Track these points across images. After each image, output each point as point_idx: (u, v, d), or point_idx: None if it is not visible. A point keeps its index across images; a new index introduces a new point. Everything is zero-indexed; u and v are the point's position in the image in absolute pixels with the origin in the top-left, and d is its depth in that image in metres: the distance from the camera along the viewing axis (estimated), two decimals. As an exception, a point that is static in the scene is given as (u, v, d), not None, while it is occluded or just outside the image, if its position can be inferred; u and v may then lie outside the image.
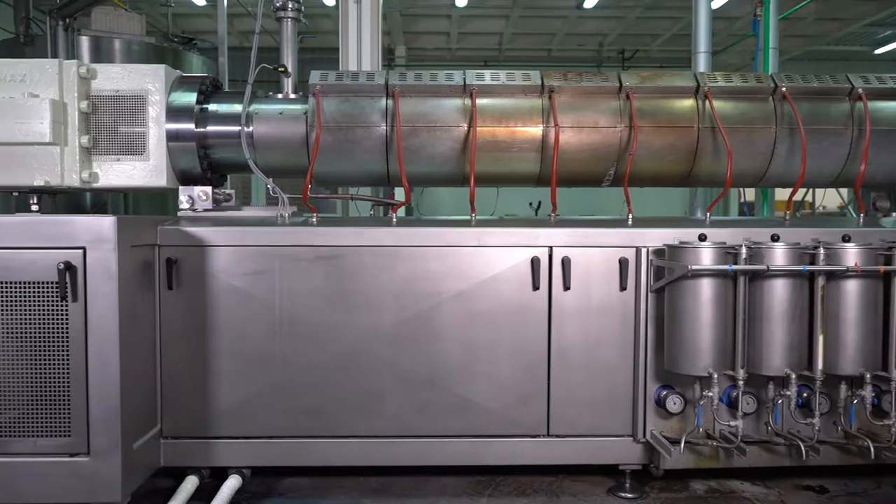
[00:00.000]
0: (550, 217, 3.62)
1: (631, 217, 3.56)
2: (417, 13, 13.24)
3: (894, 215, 3.95)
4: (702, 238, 3.16)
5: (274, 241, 3.30)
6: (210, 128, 3.65)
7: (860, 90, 3.70)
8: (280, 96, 3.79)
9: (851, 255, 3.07)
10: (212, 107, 3.68)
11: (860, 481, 3.53)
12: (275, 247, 3.29)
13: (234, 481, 3.25)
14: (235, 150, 3.64)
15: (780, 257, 3.07)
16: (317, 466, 3.41)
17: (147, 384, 3.20)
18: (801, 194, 4.48)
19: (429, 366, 3.33)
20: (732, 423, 3.17)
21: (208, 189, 3.64)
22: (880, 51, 14.90)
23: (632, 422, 3.37)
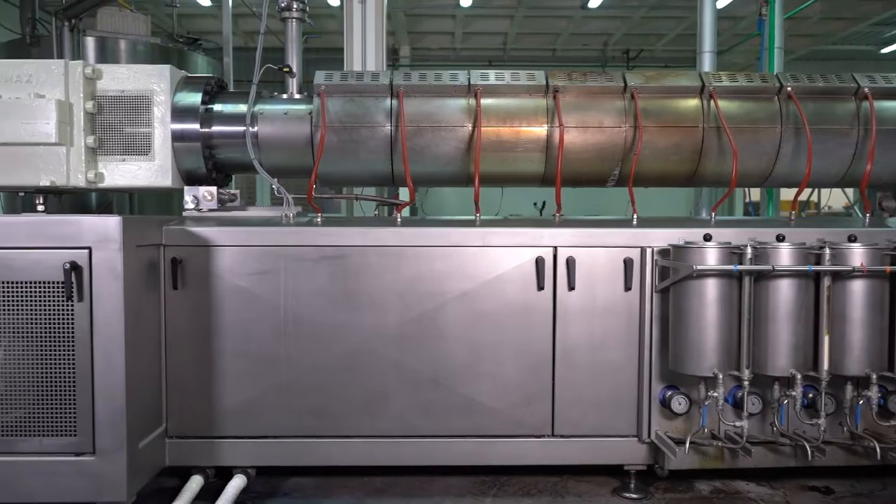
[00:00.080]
0: (555, 217, 3.62)
1: (636, 217, 3.56)
2: (422, 13, 13.22)
3: (900, 215, 3.94)
4: (707, 238, 3.16)
5: (279, 241, 3.31)
6: (215, 128, 3.66)
7: (866, 90, 3.68)
8: (285, 96, 3.80)
9: (857, 256, 3.06)
10: (217, 107, 3.69)
11: (866, 482, 3.52)
12: (279, 247, 3.30)
13: (238, 481, 3.26)
14: (240, 151, 3.65)
15: (785, 257, 3.06)
16: (321, 466, 3.41)
17: (152, 383, 3.21)
18: (806, 194, 4.46)
19: (433, 366, 3.33)
20: (737, 423, 3.16)
21: (213, 189, 3.66)
22: (886, 50, 14.82)
23: (636, 422, 3.37)
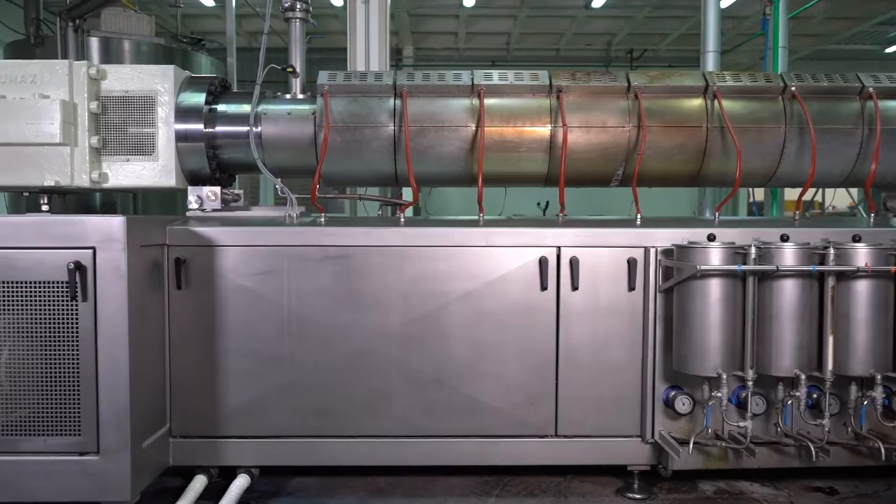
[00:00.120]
0: (558, 217, 3.62)
1: (639, 217, 3.56)
2: (425, 13, 13.22)
3: (905, 215, 3.92)
4: (711, 238, 3.15)
5: (282, 241, 3.31)
6: (219, 128, 3.66)
7: (870, 89, 3.67)
8: (288, 97, 3.80)
9: (862, 256, 3.06)
10: (220, 107, 3.69)
11: (871, 483, 3.51)
12: (283, 247, 3.30)
13: (242, 480, 3.27)
14: (244, 151, 3.65)
15: (789, 257, 3.06)
16: (325, 466, 3.42)
17: (156, 383, 3.21)
18: (810, 194, 4.45)
19: (437, 366, 3.34)
20: (741, 423, 3.16)
21: (217, 189, 3.66)
22: (890, 50, 14.77)
23: (640, 422, 3.37)
